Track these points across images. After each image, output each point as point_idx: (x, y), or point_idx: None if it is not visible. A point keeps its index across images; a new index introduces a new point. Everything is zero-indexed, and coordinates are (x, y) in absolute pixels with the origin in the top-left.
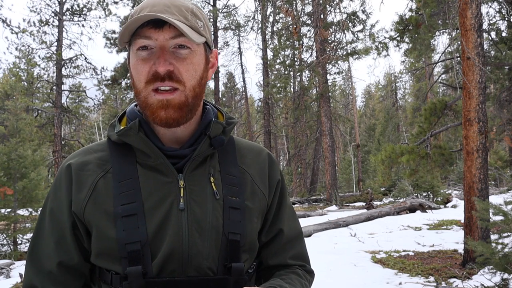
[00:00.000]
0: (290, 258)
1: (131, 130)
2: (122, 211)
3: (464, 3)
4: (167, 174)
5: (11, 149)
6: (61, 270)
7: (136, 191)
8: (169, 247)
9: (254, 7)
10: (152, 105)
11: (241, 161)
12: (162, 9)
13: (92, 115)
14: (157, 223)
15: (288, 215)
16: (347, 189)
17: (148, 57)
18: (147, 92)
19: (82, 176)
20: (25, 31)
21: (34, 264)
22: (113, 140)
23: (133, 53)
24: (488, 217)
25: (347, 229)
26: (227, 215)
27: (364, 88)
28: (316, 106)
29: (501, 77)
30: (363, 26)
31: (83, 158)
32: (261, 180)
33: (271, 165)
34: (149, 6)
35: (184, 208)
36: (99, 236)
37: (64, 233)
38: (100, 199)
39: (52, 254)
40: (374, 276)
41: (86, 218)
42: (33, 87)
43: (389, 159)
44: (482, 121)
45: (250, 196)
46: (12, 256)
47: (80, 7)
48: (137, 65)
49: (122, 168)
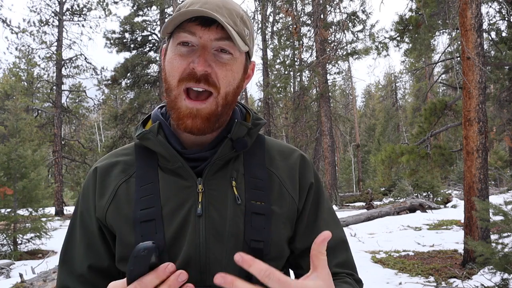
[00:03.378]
0: (335, 266)
1: (150, 133)
2: (141, 216)
3: (464, 3)
4: (187, 178)
5: (11, 149)
6: (92, 273)
7: (155, 195)
8: (186, 254)
9: (254, 7)
10: (180, 109)
11: (270, 163)
12: (213, 7)
13: (92, 115)
14: (175, 229)
15: (327, 220)
16: (347, 189)
17: (187, 54)
18: (179, 91)
19: (105, 181)
20: (25, 31)
21: (67, 266)
22: (137, 144)
23: (172, 46)
24: (488, 217)
25: (347, 229)
26: (249, 221)
27: (364, 88)
28: (316, 106)
29: (501, 77)
30: (363, 26)
31: (109, 162)
32: (291, 182)
33: (303, 167)
34: (200, 2)
35: (202, 213)
36: (121, 241)
37: (93, 237)
38: (121, 204)
39: (83, 257)
40: (374, 276)
41: (109, 223)
42: (33, 87)
43: (389, 159)
44: (482, 121)
45: (277, 200)
46: (12, 256)
47: (80, 7)
48: (174, 60)
49: (144, 172)
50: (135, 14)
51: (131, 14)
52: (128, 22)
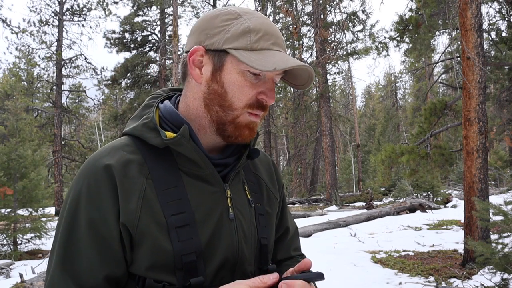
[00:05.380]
0: (292, 250)
1: (183, 139)
2: (176, 222)
3: (464, 3)
4: (214, 183)
5: (11, 149)
6: (107, 283)
7: (184, 200)
8: (223, 256)
9: (254, 7)
10: (241, 123)
11: (254, 168)
12: (282, 43)
13: (92, 115)
14: (209, 233)
15: (288, 213)
16: (347, 189)
17: (257, 83)
18: (242, 112)
19: (126, 182)
20: (25, 31)
21: (71, 279)
22: (151, 144)
23: (238, 67)
24: (488, 217)
25: (347, 229)
26: (258, 221)
27: (364, 88)
28: (316, 106)
29: (501, 77)
30: (363, 26)
31: (122, 160)
32: (273, 185)
33: (276, 170)
34: (274, 36)
35: (233, 218)
36: (154, 248)
37: (111, 244)
38: (151, 209)
39: (95, 267)
40: (374, 276)
41: (140, 229)
42: (33, 87)
43: (389, 159)
44: (482, 121)
45: (267, 201)
46: (12, 256)
47: (80, 7)
48: (244, 86)
49: (165, 175)
50: (135, 14)
51: (131, 14)
52: (128, 22)
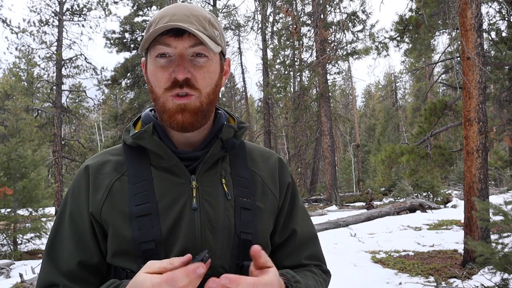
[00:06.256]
0: (305, 258)
1: (146, 133)
2: (137, 211)
3: (464, 3)
4: (180, 175)
5: (11, 149)
6: (81, 269)
7: (150, 192)
8: (182, 245)
9: (254, 7)
10: (171, 109)
11: (252, 164)
12: (182, 18)
13: (92, 115)
14: (171, 223)
15: (301, 216)
16: (347, 189)
17: (167, 65)
18: (165, 97)
19: (98, 178)
20: (25, 31)
21: (53, 264)
22: (128, 144)
23: (151, 59)
24: (488, 217)
25: (347, 229)
26: (238, 215)
27: (364, 88)
28: (316, 106)
29: (501, 77)
30: (363, 26)
31: (100, 160)
32: (272, 182)
33: (281, 168)
34: (169, 15)
35: (197, 207)
36: (116, 236)
37: (84, 234)
38: (116, 200)
39: (72, 254)
40: (374, 276)
41: (103, 218)
42: (33, 87)
43: (389, 159)
44: (482, 121)
45: (261, 197)
46: (12, 256)
47: (80, 7)
48: (157, 72)
49: (137, 171)
50: (135, 14)
51: (131, 14)
52: (128, 22)
